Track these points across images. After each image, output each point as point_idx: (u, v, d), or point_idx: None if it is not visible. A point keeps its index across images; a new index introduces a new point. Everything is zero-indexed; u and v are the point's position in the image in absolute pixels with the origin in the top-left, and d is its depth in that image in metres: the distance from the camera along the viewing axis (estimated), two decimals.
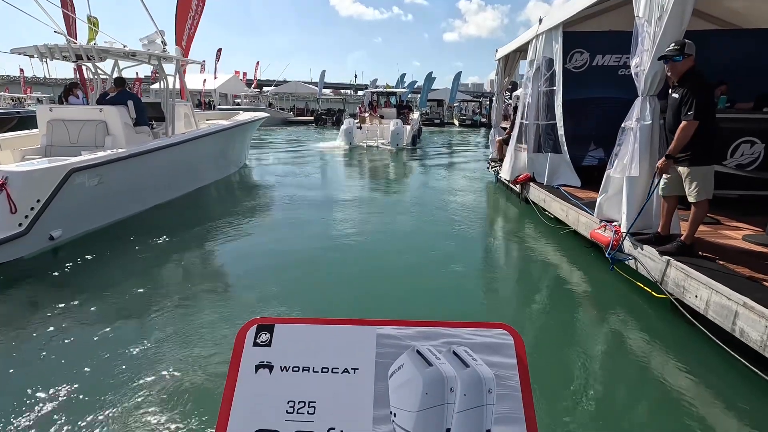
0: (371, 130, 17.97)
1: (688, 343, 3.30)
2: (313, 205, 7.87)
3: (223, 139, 9.37)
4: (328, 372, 0.94)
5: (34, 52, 6.53)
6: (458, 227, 6.72)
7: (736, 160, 5.39)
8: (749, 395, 2.74)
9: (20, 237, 4.63)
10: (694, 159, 3.54)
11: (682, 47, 3.54)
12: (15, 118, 20.12)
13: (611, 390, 2.86)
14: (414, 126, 18.74)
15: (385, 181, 11.09)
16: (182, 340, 3.26)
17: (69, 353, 3.07)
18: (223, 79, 31.02)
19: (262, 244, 5.77)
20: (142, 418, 2.43)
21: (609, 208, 4.76)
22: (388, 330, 0.99)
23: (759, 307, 2.74)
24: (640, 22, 4.05)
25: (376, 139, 17.74)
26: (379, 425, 0.88)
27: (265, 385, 0.92)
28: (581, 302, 4.18)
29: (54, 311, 3.67)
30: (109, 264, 4.77)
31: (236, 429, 0.88)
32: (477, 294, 4.47)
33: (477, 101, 42.90)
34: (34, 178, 4.85)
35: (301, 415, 0.89)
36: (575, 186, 6.70)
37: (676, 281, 3.54)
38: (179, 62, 8.28)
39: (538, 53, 7.03)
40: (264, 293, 4.17)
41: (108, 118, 6.52)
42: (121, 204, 6.16)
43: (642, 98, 4.16)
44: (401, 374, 0.92)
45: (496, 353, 0.95)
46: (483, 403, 0.89)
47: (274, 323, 1.01)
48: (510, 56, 9.84)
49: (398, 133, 16.75)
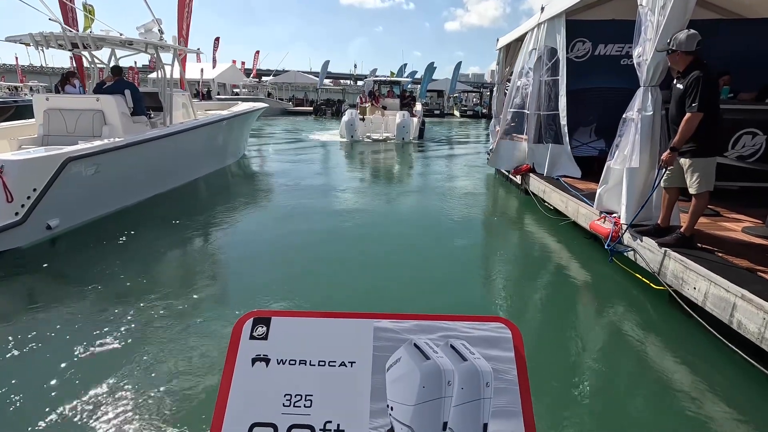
0: (375, 122, 16.86)
1: (686, 335, 3.31)
2: (315, 194, 7.84)
3: (222, 130, 9.31)
4: (325, 365, 0.93)
5: (29, 41, 6.45)
6: (458, 218, 6.70)
7: (737, 151, 5.36)
8: (745, 387, 2.75)
9: (17, 226, 4.61)
10: (696, 151, 3.51)
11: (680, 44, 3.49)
12: (13, 107, 19.97)
13: (608, 381, 2.87)
14: (419, 118, 17.84)
15: (396, 179, 10.30)
16: (179, 331, 3.26)
17: (66, 342, 3.07)
18: (222, 68, 30.76)
19: (260, 235, 5.76)
20: (138, 408, 2.43)
21: (609, 199, 4.74)
22: (386, 323, 0.98)
23: (757, 299, 2.74)
24: (643, 11, 3.99)
25: (381, 132, 16.66)
26: (376, 418, 0.87)
27: (261, 379, 0.92)
28: (580, 293, 4.18)
29: (52, 300, 3.67)
30: (107, 254, 4.76)
31: (233, 422, 0.87)
32: (475, 285, 4.48)
33: (478, 92, 42.61)
34: (30, 166, 4.81)
35: (298, 408, 0.88)
36: (575, 177, 6.68)
37: (675, 273, 3.55)
38: (176, 51, 8.18)
39: (540, 42, 6.95)
40: (261, 284, 4.17)
41: (105, 107, 6.46)
42: (119, 194, 6.14)
43: (644, 88, 4.11)
44: (398, 367, 0.92)
45: (493, 347, 0.95)
46: (480, 396, 0.88)
47: (270, 316, 1.00)
48: (511, 45, 9.73)
49: (405, 125, 15.86)
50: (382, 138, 16.32)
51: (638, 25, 4.05)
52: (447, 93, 38.16)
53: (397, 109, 17.92)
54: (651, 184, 4.14)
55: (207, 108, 10.98)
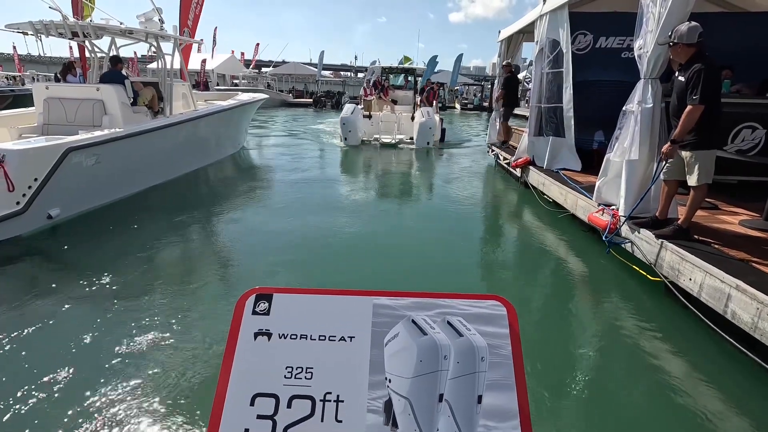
0: (385, 121, 12.94)
1: (681, 325, 3.36)
2: (314, 185, 7.86)
3: (222, 120, 9.29)
4: (325, 340, 0.96)
5: (29, 29, 6.42)
6: (457, 210, 6.73)
7: (736, 145, 5.37)
8: (738, 376, 2.80)
9: (18, 215, 4.64)
10: (697, 143, 3.53)
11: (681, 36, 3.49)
12: (10, 96, 19.93)
13: (603, 370, 2.92)
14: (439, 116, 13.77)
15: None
16: (181, 315, 3.30)
17: (67, 329, 3.11)
18: (222, 59, 30.57)
19: (260, 223, 5.78)
20: (142, 385, 2.48)
21: (608, 192, 4.77)
22: (385, 300, 1.01)
23: (751, 289, 2.77)
24: (644, 3, 3.99)
25: (393, 134, 12.60)
26: (375, 390, 0.90)
27: (263, 352, 0.95)
28: (577, 284, 4.22)
29: (52, 289, 3.70)
30: (107, 243, 4.79)
31: (236, 393, 0.90)
32: (473, 276, 4.51)
33: (479, 85, 42.43)
34: (31, 156, 4.83)
35: (299, 380, 0.91)
36: (575, 170, 6.69)
37: (671, 264, 3.58)
38: (177, 41, 8.14)
39: (542, 34, 6.92)
40: (262, 270, 4.21)
41: (105, 97, 6.45)
42: (119, 184, 6.15)
43: (644, 81, 4.12)
44: (396, 342, 0.95)
45: (489, 323, 0.97)
46: (475, 370, 0.91)
47: (272, 293, 1.02)
48: (513, 38, 9.69)
49: (430, 126, 11.75)
50: (394, 142, 12.35)
51: (639, 17, 4.05)
52: (448, 85, 37.98)
53: (410, 103, 14.06)
54: (650, 176, 4.16)
55: (207, 98, 10.95)
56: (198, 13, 11.92)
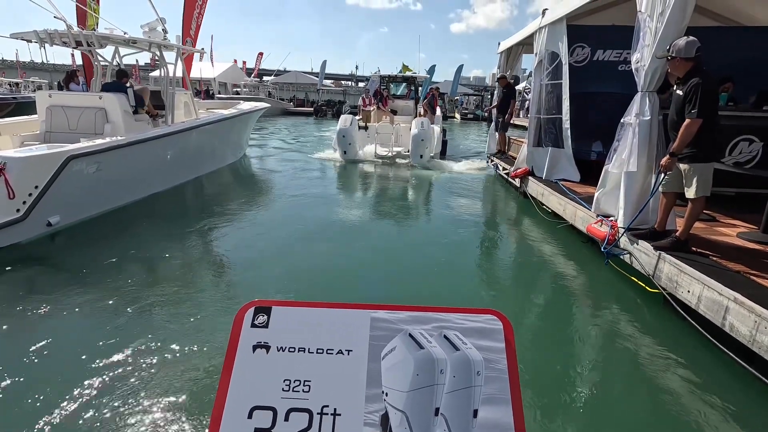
0: (382, 132, 11.85)
1: (679, 337, 3.35)
2: (315, 197, 7.89)
3: (223, 129, 9.35)
4: (323, 353, 0.97)
5: (33, 37, 6.49)
6: (456, 221, 6.74)
7: (734, 158, 5.41)
8: (736, 389, 2.79)
9: (18, 222, 4.65)
10: (695, 156, 3.56)
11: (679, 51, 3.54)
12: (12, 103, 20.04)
13: (602, 381, 2.91)
14: (440, 126, 12.65)
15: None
16: (179, 324, 3.29)
17: (65, 338, 3.11)
18: (223, 67, 30.79)
19: (260, 234, 5.79)
20: (141, 396, 2.47)
21: (606, 203, 4.79)
22: (382, 314, 1.02)
23: (749, 302, 2.78)
24: (642, 17, 4.05)
25: (389, 146, 11.65)
26: (372, 404, 0.91)
27: (262, 364, 0.96)
28: (575, 295, 4.22)
29: (50, 296, 3.70)
30: (106, 251, 4.79)
31: (234, 405, 0.91)
32: (471, 286, 4.51)
33: (479, 95, 42.73)
34: (32, 164, 4.85)
35: (297, 392, 0.92)
36: (574, 181, 6.73)
37: (670, 276, 3.59)
38: (180, 50, 8.23)
39: (541, 46, 7.01)
40: (261, 279, 4.21)
41: (107, 105, 6.50)
42: (120, 192, 6.17)
43: (641, 94, 4.17)
44: (394, 356, 0.96)
45: (485, 338, 0.99)
46: (472, 384, 0.92)
47: (271, 306, 1.04)
48: (512, 49, 9.80)
49: (422, 139, 10.43)
50: (391, 155, 11.59)
51: (637, 31, 4.11)
52: (448, 95, 38.25)
53: (411, 113, 13.21)
54: (648, 188, 4.19)
55: (209, 107, 11.03)
56: (199, 23, 12.05)
